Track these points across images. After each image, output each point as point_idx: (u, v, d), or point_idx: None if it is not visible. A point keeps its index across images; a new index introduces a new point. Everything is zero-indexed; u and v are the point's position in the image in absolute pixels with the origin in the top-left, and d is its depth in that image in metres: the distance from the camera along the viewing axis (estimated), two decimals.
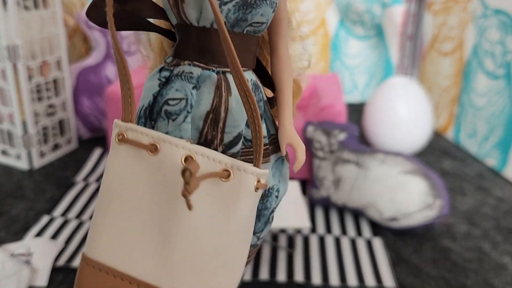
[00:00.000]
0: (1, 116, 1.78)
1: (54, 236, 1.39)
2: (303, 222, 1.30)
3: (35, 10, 1.71)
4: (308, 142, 1.59)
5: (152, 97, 0.66)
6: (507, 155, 1.84)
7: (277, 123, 0.72)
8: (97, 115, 1.99)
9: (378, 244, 1.41)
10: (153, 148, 0.59)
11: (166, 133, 0.63)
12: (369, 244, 1.41)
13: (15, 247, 1.29)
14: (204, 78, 0.63)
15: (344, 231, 1.47)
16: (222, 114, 0.63)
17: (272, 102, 0.73)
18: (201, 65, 0.63)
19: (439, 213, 1.42)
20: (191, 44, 0.63)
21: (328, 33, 2.49)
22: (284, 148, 0.69)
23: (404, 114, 1.92)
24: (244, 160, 0.66)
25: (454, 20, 2.17)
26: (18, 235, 1.38)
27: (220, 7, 0.59)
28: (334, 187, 1.52)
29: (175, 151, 0.58)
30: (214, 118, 0.63)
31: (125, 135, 0.60)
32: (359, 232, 1.47)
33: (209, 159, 0.58)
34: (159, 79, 0.65)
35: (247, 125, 0.65)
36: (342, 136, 1.54)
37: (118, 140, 0.60)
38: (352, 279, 1.25)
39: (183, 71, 0.63)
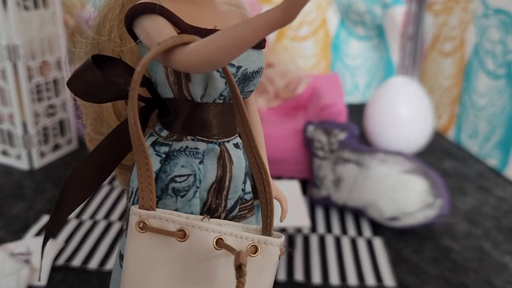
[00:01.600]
0: (1, 116, 1.78)
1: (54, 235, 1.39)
2: (303, 221, 1.30)
3: (35, 10, 1.71)
4: (309, 142, 1.59)
5: (154, 175, 0.63)
6: (508, 155, 1.83)
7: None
8: None
9: (378, 243, 1.40)
10: (182, 235, 0.58)
11: (176, 209, 0.63)
12: (369, 244, 1.40)
13: (15, 246, 1.29)
14: (208, 152, 0.63)
15: (344, 230, 1.47)
16: (227, 183, 0.64)
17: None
18: (205, 139, 0.64)
19: (439, 213, 1.41)
20: (193, 119, 0.63)
21: (329, 34, 2.49)
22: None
23: (405, 114, 1.91)
24: (236, 217, 0.67)
25: (455, 20, 2.17)
26: (17, 235, 1.38)
27: (226, 85, 0.61)
28: (335, 186, 1.51)
29: (206, 235, 0.58)
30: (218, 187, 0.64)
31: (148, 223, 0.59)
32: (359, 232, 1.46)
33: (236, 237, 0.59)
34: (158, 155, 0.64)
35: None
36: (342, 135, 1.53)
37: (140, 228, 0.59)
38: (352, 278, 1.25)
39: (187, 147, 0.63)
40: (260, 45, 0.64)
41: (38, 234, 1.39)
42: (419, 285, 1.24)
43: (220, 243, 0.58)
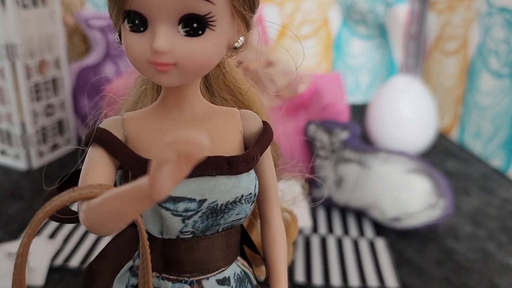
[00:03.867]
0: None
1: (52, 235, 1.38)
2: (304, 222, 1.28)
3: (34, 8, 1.70)
4: (310, 141, 1.57)
5: None
6: None
7: None
8: (96, 115, 1.97)
9: (380, 244, 1.38)
10: None
11: None
12: (371, 245, 1.38)
13: (12, 246, 1.28)
14: None
15: (346, 231, 1.45)
16: None
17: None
18: (171, 277, 0.56)
19: (443, 213, 1.39)
20: (160, 254, 0.55)
21: (330, 33, 2.47)
22: None
23: (408, 114, 1.90)
24: None
25: (458, 19, 2.15)
26: (15, 235, 1.37)
27: (184, 222, 0.52)
28: (336, 186, 1.49)
29: None
30: None
31: None
32: (361, 232, 1.44)
33: None
34: (126, 286, 0.58)
35: None
36: (344, 135, 1.52)
37: None
38: (354, 279, 1.23)
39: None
40: (235, 170, 0.53)
41: (36, 234, 1.38)
42: (422, 286, 1.22)
43: None
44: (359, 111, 2.38)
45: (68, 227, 1.42)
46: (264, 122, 0.57)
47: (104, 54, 2.00)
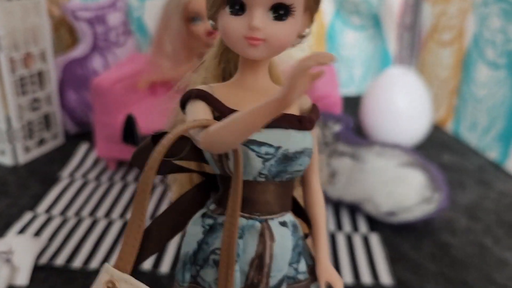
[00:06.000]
0: None
1: (37, 233, 1.34)
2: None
3: None
4: None
5: (196, 244, 0.69)
6: (508, 148, 1.79)
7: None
8: (84, 109, 1.93)
9: (375, 239, 1.35)
10: None
11: (215, 279, 0.67)
12: (365, 240, 1.35)
13: None
14: (248, 228, 0.67)
15: (339, 226, 1.42)
16: (267, 260, 0.67)
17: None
18: (245, 215, 0.67)
19: (438, 207, 1.36)
20: None
21: (323, 24, 2.43)
22: (323, 286, 0.71)
23: (402, 106, 1.86)
24: None
25: (454, 9, 2.11)
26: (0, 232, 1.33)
27: (263, 164, 0.64)
28: (329, 180, 1.46)
29: None
30: (259, 263, 0.67)
31: (117, 285, 0.62)
32: (355, 227, 1.41)
33: None
34: (203, 226, 0.69)
35: (289, 264, 0.69)
36: (336, 127, 1.48)
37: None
38: (347, 275, 1.20)
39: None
40: (303, 126, 0.66)
41: (20, 232, 1.34)
42: (417, 282, 1.19)
43: None
44: (353, 104, 2.34)
45: (52, 225, 1.38)
46: (313, 103, 0.71)
47: (92, 46, 1.95)
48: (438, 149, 1.99)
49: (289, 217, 0.70)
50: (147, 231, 0.66)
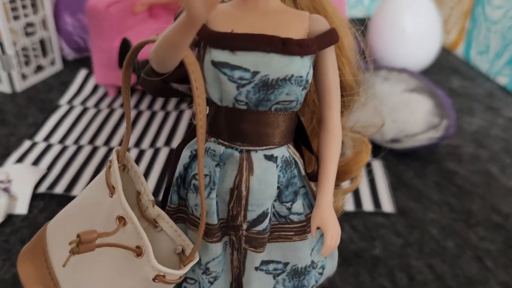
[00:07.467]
0: None
1: (36, 162, 1.32)
2: None
3: None
4: None
5: (183, 168, 0.69)
6: None
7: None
8: (81, 33, 1.86)
9: (377, 166, 1.33)
10: (113, 190, 0.66)
11: (196, 205, 0.67)
12: (368, 166, 1.33)
13: None
14: (227, 156, 0.65)
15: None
16: (244, 193, 0.65)
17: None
18: (225, 143, 0.65)
19: (444, 134, 1.32)
20: (218, 121, 0.65)
21: None
22: (313, 231, 0.67)
23: (411, 29, 1.79)
24: (280, 236, 0.69)
25: None
26: None
27: (238, 89, 0.60)
28: None
29: (117, 204, 0.64)
30: (237, 194, 0.65)
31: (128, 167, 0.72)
32: None
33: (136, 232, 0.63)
34: (191, 151, 0.68)
35: (281, 202, 0.67)
36: None
37: (122, 170, 0.71)
38: (348, 203, 1.19)
39: (209, 148, 0.66)
40: (288, 50, 0.59)
41: (19, 160, 1.33)
42: (420, 211, 1.17)
43: (117, 221, 0.63)
44: (361, 26, 2.26)
45: (51, 153, 1.36)
46: (331, 28, 0.63)
47: None
48: (447, 73, 1.92)
49: (282, 151, 0.66)
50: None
